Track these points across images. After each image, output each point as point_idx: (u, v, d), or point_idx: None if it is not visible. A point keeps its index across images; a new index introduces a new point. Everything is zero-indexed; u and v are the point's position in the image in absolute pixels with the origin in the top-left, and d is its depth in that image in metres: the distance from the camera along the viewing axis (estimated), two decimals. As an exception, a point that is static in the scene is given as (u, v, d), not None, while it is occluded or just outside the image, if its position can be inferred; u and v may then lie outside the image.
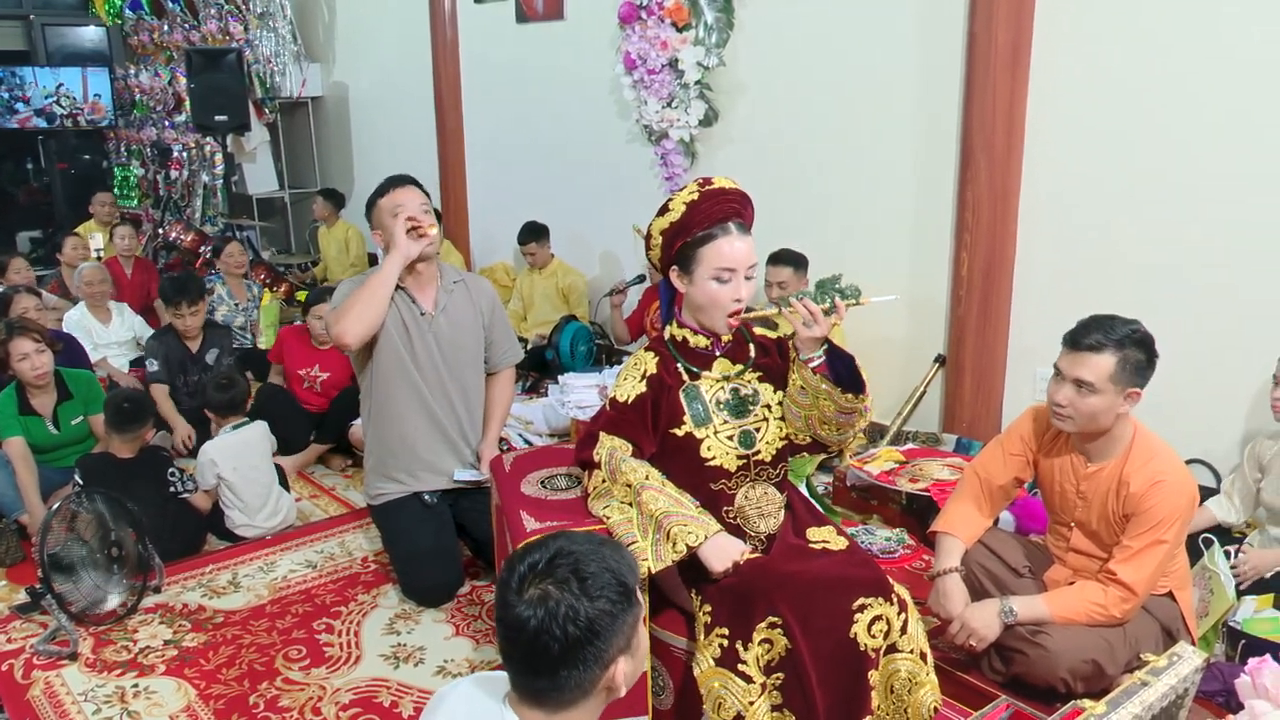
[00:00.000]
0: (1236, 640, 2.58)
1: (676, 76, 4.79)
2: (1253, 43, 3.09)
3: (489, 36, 6.16)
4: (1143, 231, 3.45)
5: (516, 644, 1.35)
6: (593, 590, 1.33)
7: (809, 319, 2.08)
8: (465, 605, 3.10)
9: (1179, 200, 3.34)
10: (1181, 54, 3.26)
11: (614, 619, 1.34)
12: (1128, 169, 3.46)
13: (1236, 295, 3.25)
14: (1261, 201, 3.16)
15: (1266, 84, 3.08)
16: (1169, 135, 3.33)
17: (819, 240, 4.28)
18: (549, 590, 1.33)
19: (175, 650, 2.86)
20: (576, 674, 1.34)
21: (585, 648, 1.33)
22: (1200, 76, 3.23)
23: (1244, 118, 3.15)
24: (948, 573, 2.52)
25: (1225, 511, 3.03)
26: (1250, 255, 3.20)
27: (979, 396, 3.93)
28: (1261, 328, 3.09)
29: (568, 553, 1.37)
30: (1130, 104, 3.41)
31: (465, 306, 3.20)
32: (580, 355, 5.15)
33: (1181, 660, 1.69)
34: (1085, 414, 2.33)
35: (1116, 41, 3.41)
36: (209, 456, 3.51)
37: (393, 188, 3.13)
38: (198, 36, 8.03)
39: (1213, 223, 3.27)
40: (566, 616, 1.31)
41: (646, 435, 2.21)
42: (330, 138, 8.08)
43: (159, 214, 8.31)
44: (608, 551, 1.39)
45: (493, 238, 6.54)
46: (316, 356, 4.43)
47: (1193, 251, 3.33)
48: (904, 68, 4.01)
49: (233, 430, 3.61)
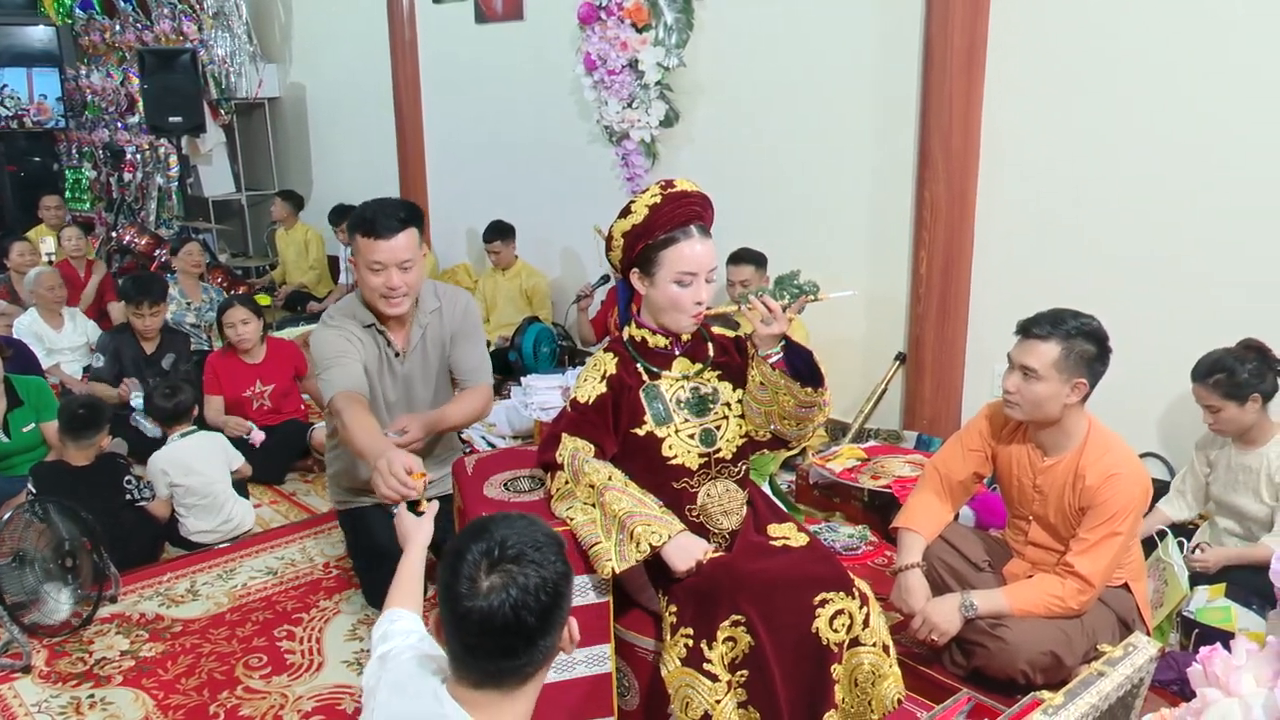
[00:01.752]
0: (1190, 630, 2.64)
1: (637, 77, 4.80)
2: (1207, 39, 3.15)
3: (448, 37, 6.13)
4: (1098, 229, 3.50)
5: (489, 633, 1.36)
6: (546, 557, 1.39)
7: (768, 316, 2.10)
8: (429, 609, 3.06)
9: (1134, 198, 3.40)
10: (1135, 54, 3.32)
11: (568, 577, 1.42)
12: (1083, 168, 3.51)
13: (1191, 292, 3.31)
14: (1215, 199, 3.22)
15: (1221, 80, 3.14)
16: (1124, 134, 3.39)
17: (780, 240, 4.30)
18: (511, 571, 1.37)
19: (132, 660, 2.82)
20: (548, 640, 1.40)
21: (555, 612, 1.39)
22: (1154, 75, 3.29)
23: (1199, 114, 3.21)
24: (909, 568, 2.55)
25: (1176, 509, 3.08)
26: (1205, 252, 3.27)
27: (939, 393, 3.97)
28: (1214, 324, 3.15)
29: (505, 532, 1.40)
30: (1085, 104, 3.47)
31: (436, 341, 2.96)
32: (543, 356, 5.14)
33: (1137, 650, 1.72)
34: (1030, 401, 2.37)
35: (1071, 43, 3.47)
36: (159, 466, 3.45)
37: (373, 234, 2.64)
38: (150, 36, 7.89)
39: (1168, 220, 3.34)
40: (539, 587, 1.36)
41: (608, 436, 2.21)
42: (288, 139, 7.99)
43: (112, 217, 8.17)
44: (531, 521, 1.45)
45: (453, 239, 6.51)
46: (254, 372, 4.24)
47: (1148, 248, 3.39)
48: (863, 69, 4.05)
49: (181, 438, 3.56)
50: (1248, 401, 2.78)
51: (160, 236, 7.20)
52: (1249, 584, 2.69)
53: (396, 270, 2.70)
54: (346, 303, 2.92)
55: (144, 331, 4.37)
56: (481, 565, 1.37)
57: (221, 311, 4.27)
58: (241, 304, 4.28)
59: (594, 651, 2.15)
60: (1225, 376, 2.79)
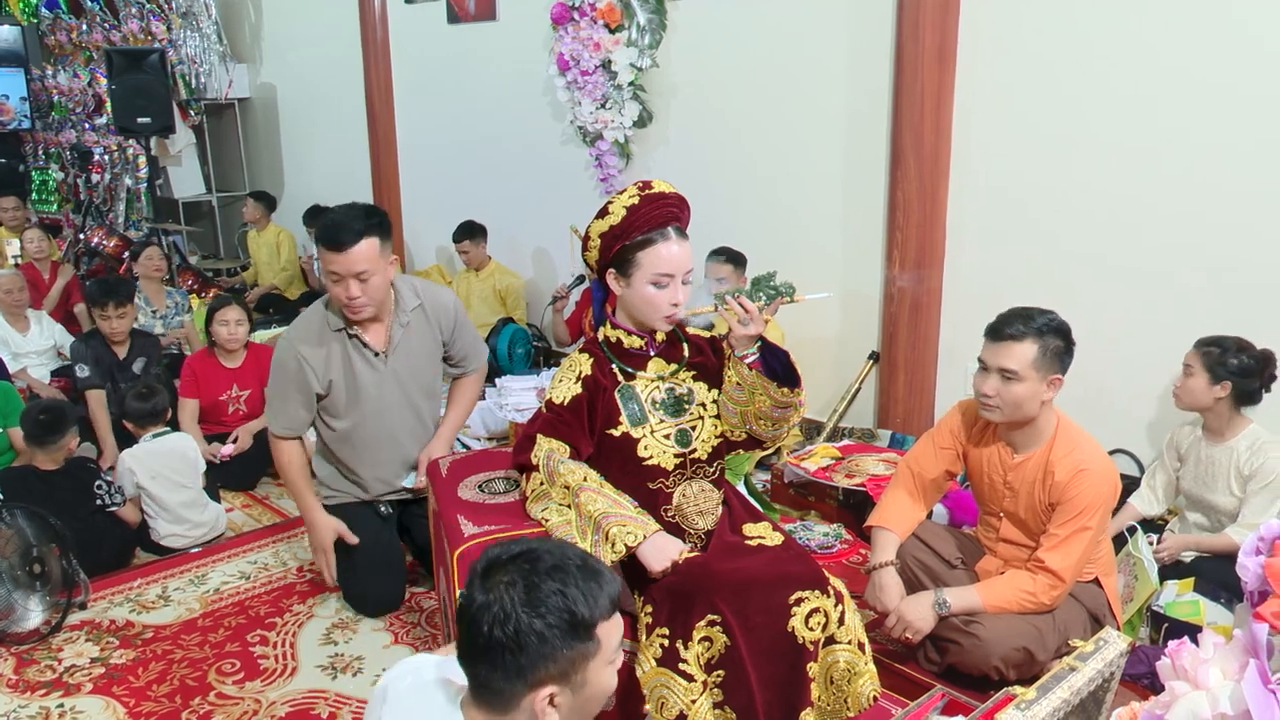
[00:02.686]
0: (1160, 624, 2.67)
1: (610, 78, 4.80)
2: (1175, 40, 3.20)
3: (420, 37, 6.10)
4: (1068, 228, 3.54)
5: (461, 620, 1.34)
6: (534, 604, 1.30)
7: (744, 317, 2.10)
8: (405, 613, 3.06)
9: (1103, 196, 3.44)
10: (1104, 56, 3.36)
11: (544, 642, 1.29)
12: (1052, 167, 3.55)
13: (1160, 289, 3.35)
14: (1180, 198, 3.26)
15: (1189, 81, 3.19)
16: (1092, 134, 3.43)
17: (753, 239, 4.31)
18: (495, 584, 1.32)
19: (103, 668, 2.78)
20: (495, 676, 1.32)
21: (506, 654, 1.30)
22: (1122, 76, 3.33)
23: (1167, 114, 3.25)
24: (883, 566, 2.56)
25: (1148, 504, 3.12)
26: (1174, 250, 3.31)
27: (912, 392, 4.00)
28: (1181, 321, 3.19)
29: (533, 559, 1.33)
30: (1054, 105, 3.50)
31: (423, 335, 2.96)
32: (518, 357, 5.13)
33: (1107, 645, 1.74)
34: (1011, 402, 2.39)
35: (1040, 43, 3.50)
36: (127, 465, 3.43)
37: (334, 247, 2.64)
38: (118, 36, 7.80)
39: (1137, 219, 3.38)
40: (496, 617, 1.29)
41: (583, 437, 2.21)
42: (259, 140, 7.92)
43: (80, 219, 8.06)
44: (576, 579, 1.33)
45: (427, 241, 6.48)
46: (232, 377, 4.20)
47: (1118, 247, 3.43)
48: (835, 69, 4.07)
49: (152, 438, 3.52)
50: (1218, 384, 2.84)
51: (130, 239, 7.12)
52: (1217, 577, 2.72)
53: (354, 281, 2.70)
54: (313, 311, 2.92)
55: (112, 335, 4.32)
56: (489, 566, 1.34)
57: (214, 309, 4.24)
58: (236, 303, 4.27)
59: (570, 653, 2.15)
60: (1217, 351, 2.85)
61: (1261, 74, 3.04)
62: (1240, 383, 2.83)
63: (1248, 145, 3.10)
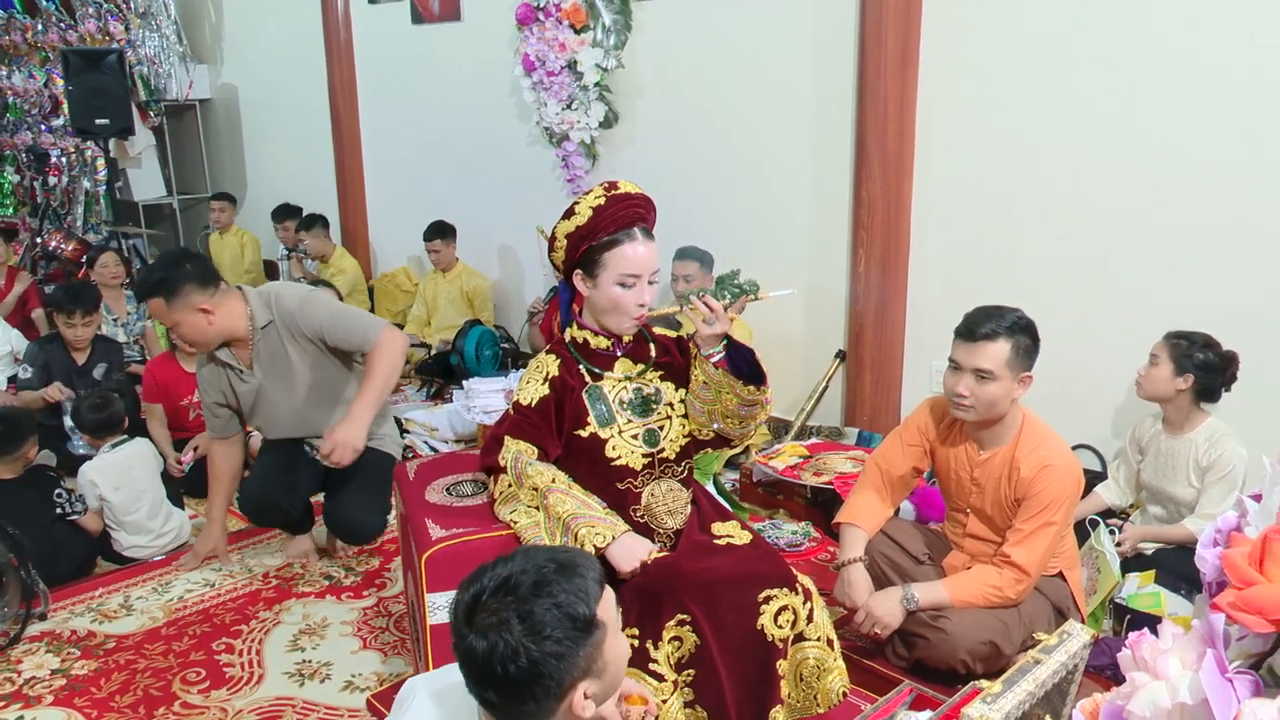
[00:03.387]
0: (1122, 615, 2.71)
1: (576, 78, 4.79)
2: (1136, 41, 3.24)
3: (384, 38, 6.05)
4: (1033, 226, 3.58)
5: (470, 670, 1.31)
6: (538, 631, 1.27)
7: (709, 316, 2.10)
8: (373, 618, 3.04)
9: (1066, 195, 3.48)
10: (1065, 56, 3.41)
11: (561, 658, 1.28)
12: (1015, 166, 3.59)
13: (1122, 286, 3.40)
14: (1140, 197, 3.31)
15: (1150, 81, 3.24)
16: (1054, 133, 3.48)
17: (720, 239, 4.32)
18: (491, 626, 1.28)
19: (64, 679, 2.73)
20: (529, 706, 1.30)
21: (533, 685, 1.28)
22: (1083, 77, 3.38)
23: (1128, 115, 3.30)
24: (852, 563, 2.58)
25: (1113, 495, 3.18)
26: (1135, 246, 3.36)
27: (879, 390, 4.03)
28: (1142, 319, 3.24)
29: (512, 586, 1.30)
30: (1018, 103, 3.55)
31: (288, 344, 3.08)
32: (486, 359, 5.10)
33: (1071, 638, 1.76)
34: (986, 401, 2.41)
35: (1002, 44, 3.54)
36: (88, 478, 3.36)
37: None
38: (75, 36, 7.67)
39: (1099, 215, 3.42)
40: (506, 656, 1.26)
41: (551, 438, 2.20)
42: (220, 142, 7.82)
43: (37, 223, 7.91)
44: (560, 584, 1.31)
45: (393, 243, 6.43)
46: (193, 381, 4.02)
47: (1080, 243, 3.48)
48: (800, 69, 4.09)
49: (111, 449, 3.47)
50: (1181, 376, 2.90)
51: (89, 242, 7.00)
52: (1177, 569, 2.77)
53: (175, 329, 3.05)
54: None
55: (75, 341, 4.25)
56: (474, 606, 1.30)
57: None
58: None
59: (540, 655, 2.14)
60: (1184, 344, 2.91)
61: (1219, 75, 3.10)
62: (1203, 377, 2.89)
63: (1206, 145, 3.16)
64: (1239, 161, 3.10)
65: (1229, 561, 1.12)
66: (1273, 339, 3.08)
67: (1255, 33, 3.02)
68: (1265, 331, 3.08)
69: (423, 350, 5.61)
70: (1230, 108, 3.09)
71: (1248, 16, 3.02)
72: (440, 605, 2.07)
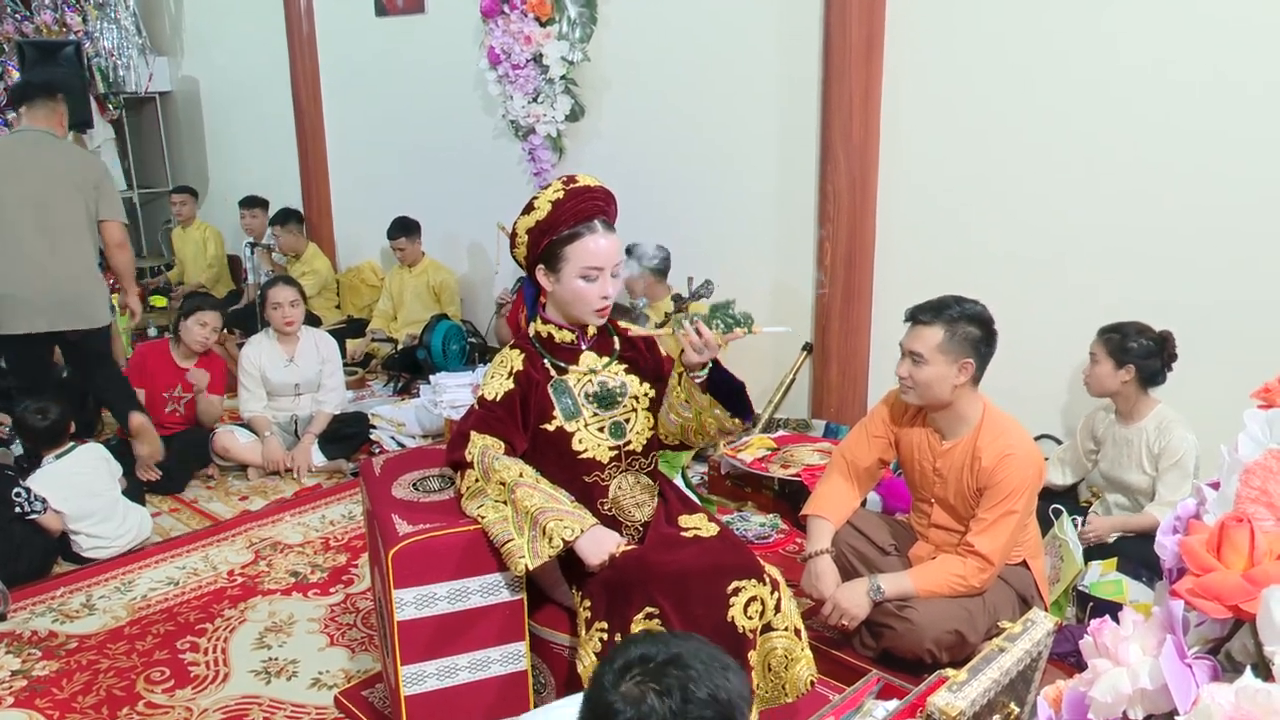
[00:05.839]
0: (1085, 603, 2.75)
1: (541, 71, 4.77)
2: (1099, 38, 3.28)
3: (348, 30, 5.99)
4: (995, 219, 3.62)
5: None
6: (692, 713, 1.24)
7: (699, 344, 2.06)
8: (339, 614, 3.02)
9: (1027, 189, 3.52)
10: (1028, 50, 3.44)
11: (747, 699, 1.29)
12: (979, 159, 3.62)
13: (1083, 281, 3.44)
14: (1102, 193, 3.35)
15: (1110, 79, 3.27)
16: (1018, 127, 3.51)
17: (687, 232, 4.33)
18: (648, 693, 1.25)
19: (24, 680, 2.69)
20: None
21: None
22: (1046, 72, 3.41)
23: (1089, 111, 3.33)
24: (819, 554, 2.59)
25: (1055, 474, 3.27)
26: (1092, 244, 3.40)
27: (845, 382, 4.05)
28: (1096, 311, 3.28)
29: (685, 664, 1.27)
30: (981, 97, 3.58)
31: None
32: (453, 354, 5.07)
33: (1034, 625, 1.78)
34: (922, 383, 2.47)
35: (967, 36, 3.57)
36: (35, 489, 3.30)
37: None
38: (31, 28, 7.51)
39: (1058, 211, 3.46)
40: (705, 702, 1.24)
41: (517, 432, 2.20)
42: (181, 135, 7.71)
43: (-7, 217, 7.75)
44: (728, 678, 1.29)
45: (358, 237, 6.37)
46: (179, 376, 4.14)
47: (1042, 238, 3.51)
48: (765, 62, 4.10)
49: (56, 459, 3.41)
50: (1122, 369, 2.97)
51: (46, 237, 6.86)
52: (1138, 556, 2.82)
53: None
54: None
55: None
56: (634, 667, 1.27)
57: (192, 309, 4.14)
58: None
59: (509, 649, 2.14)
60: (1118, 338, 2.99)
61: (1173, 78, 3.14)
62: (1143, 365, 2.96)
63: (1157, 149, 3.21)
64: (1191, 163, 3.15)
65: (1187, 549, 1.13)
66: (1213, 328, 3.14)
67: (1210, 34, 3.06)
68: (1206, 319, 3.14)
69: (389, 345, 5.57)
70: (1183, 110, 3.14)
71: (1201, 17, 3.07)
72: (408, 601, 2.06)
